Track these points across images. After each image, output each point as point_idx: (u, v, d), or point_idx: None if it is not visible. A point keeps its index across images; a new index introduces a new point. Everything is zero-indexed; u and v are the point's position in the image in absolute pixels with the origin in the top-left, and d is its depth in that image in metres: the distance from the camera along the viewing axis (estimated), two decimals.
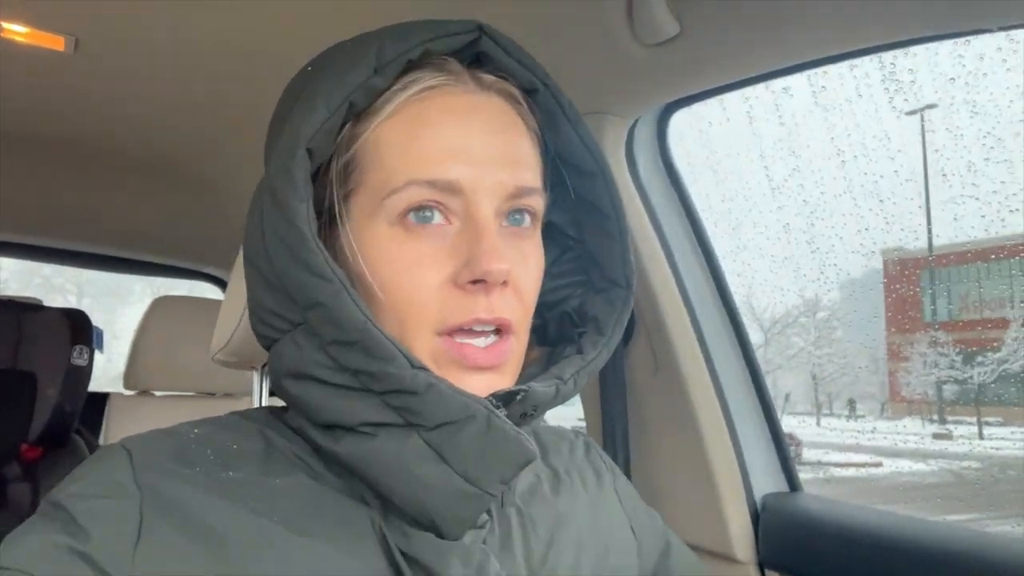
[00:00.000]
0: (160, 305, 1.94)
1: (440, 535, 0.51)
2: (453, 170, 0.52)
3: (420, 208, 0.52)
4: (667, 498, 1.19)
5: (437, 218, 0.53)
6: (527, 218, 0.56)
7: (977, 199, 0.92)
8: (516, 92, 0.59)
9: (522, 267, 0.55)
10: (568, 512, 0.63)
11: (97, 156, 1.75)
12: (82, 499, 0.46)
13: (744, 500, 1.14)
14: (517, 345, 0.55)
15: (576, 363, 0.57)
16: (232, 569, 0.46)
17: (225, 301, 1.01)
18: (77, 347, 1.72)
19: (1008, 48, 0.86)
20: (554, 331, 0.66)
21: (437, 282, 0.52)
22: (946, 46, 0.89)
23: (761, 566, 1.11)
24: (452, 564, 0.50)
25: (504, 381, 0.53)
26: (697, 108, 1.16)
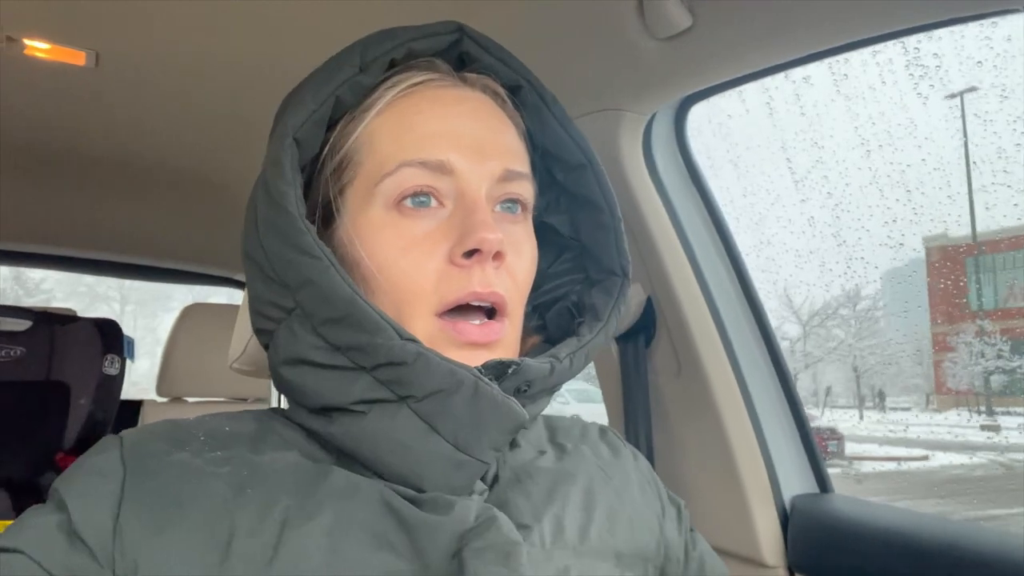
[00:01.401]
0: (190, 313, 1.97)
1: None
2: (445, 152, 0.54)
3: (414, 193, 0.54)
4: (693, 501, 1.17)
5: (430, 201, 0.54)
6: (517, 206, 0.58)
7: (1009, 186, 0.88)
8: (500, 90, 0.62)
9: (514, 250, 0.56)
10: (574, 470, 0.62)
11: (124, 168, 1.78)
12: (71, 481, 0.48)
13: (772, 502, 1.12)
14: (511, 329, 0.56)
15: (572, 344, 0.58)
16: (213, 542, 0.46)
17: (241, 310, 1.02)
18: (108, 356, 1.76)
19: None
20: (555, 328, 0.66)
21: (433, 262, 0.53)
22: (972, 28, 0.86)
23: (791, 570, 1.09)
24: (458, 517, 0.49)
25: (496, 357, 0.54)
26: (715, 101, 1.14)
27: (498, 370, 0.52)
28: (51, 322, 1.78)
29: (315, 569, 0.46)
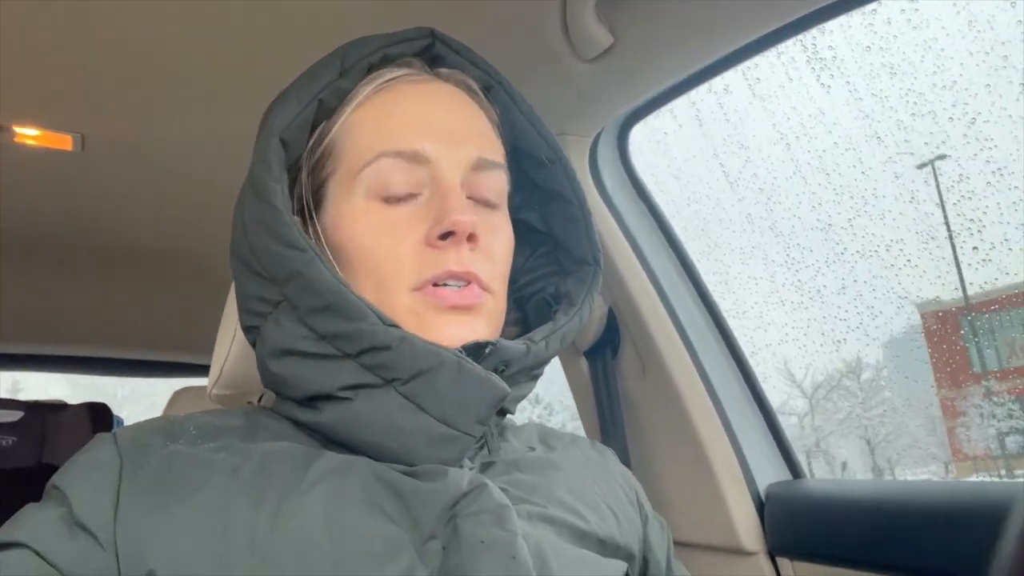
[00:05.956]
0: (180, 396, 1.98)
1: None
2: (420, 141, 0.57)
3: (392, 181, 0.57)
4: (671, 499, 1.18)
5: (409, 188, 0.57)
6: (492, 195, 0.61)
7: (912, 154, 0.96)
8: (473, 84, 0.66)
9: (491, 236, 0.59)
10: (561, 462, 0.64)
11: (112, 253, 1.82)
12: (68, 474, 0.50)
13: (747, 492, 1.12)
14: (494, 303, 0.59)
15: (548, 328, 0.61)
16: (213, 518, 0.47)
17: (218, 336, 1.05)
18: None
19: (910, 8, 0.92)
20: (535, 319, 0.69)
21: (411, 244, 0.56)
22: (856, 17, 0.96)
23: (771, 555, 1.08)
24: (451, 484, 0.51)
25: (479, 325, 0.56)
26: (652, 121, 1.23)
27: (476, 352, 0.54)
28: (42, 411, 1.81)
29: (315, 536, 0.47)
